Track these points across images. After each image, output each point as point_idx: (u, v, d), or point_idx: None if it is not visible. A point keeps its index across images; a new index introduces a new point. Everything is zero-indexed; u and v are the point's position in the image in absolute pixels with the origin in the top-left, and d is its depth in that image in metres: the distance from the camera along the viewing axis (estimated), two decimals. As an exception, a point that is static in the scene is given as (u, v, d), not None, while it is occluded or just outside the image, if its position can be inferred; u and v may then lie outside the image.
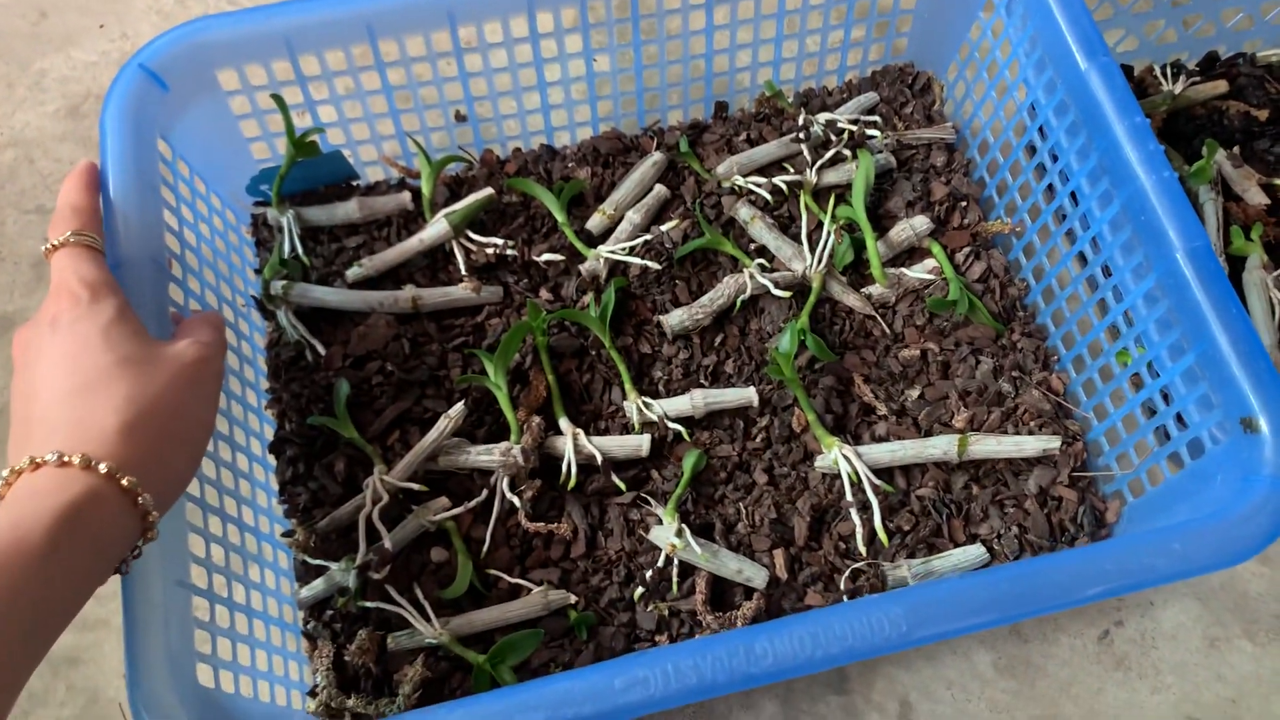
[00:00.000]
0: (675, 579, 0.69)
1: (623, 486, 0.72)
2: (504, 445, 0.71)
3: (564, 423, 0.73)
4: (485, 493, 0.71)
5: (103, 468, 0.47)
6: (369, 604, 0.69)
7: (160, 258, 0.65)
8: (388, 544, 0.69)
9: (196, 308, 0.69)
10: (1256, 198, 0.80)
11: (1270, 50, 0.89)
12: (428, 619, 0.68)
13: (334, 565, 0.70)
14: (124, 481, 0.48)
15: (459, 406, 0.72)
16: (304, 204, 0.82)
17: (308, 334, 0.77)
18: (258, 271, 0.80)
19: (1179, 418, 0.66)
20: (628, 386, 0.75)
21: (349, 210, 0.81)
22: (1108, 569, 0.55)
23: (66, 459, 0.47)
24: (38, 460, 0.47)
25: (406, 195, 0.82)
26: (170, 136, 0.71)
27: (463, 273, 0.78)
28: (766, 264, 0.79)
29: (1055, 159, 0.74)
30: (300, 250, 0.80)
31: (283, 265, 0.77)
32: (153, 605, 0.54)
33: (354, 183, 0.85)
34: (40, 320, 0.53)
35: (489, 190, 0.80)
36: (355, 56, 0.75)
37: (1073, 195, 0.73)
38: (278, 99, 0.75)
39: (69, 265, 0.55)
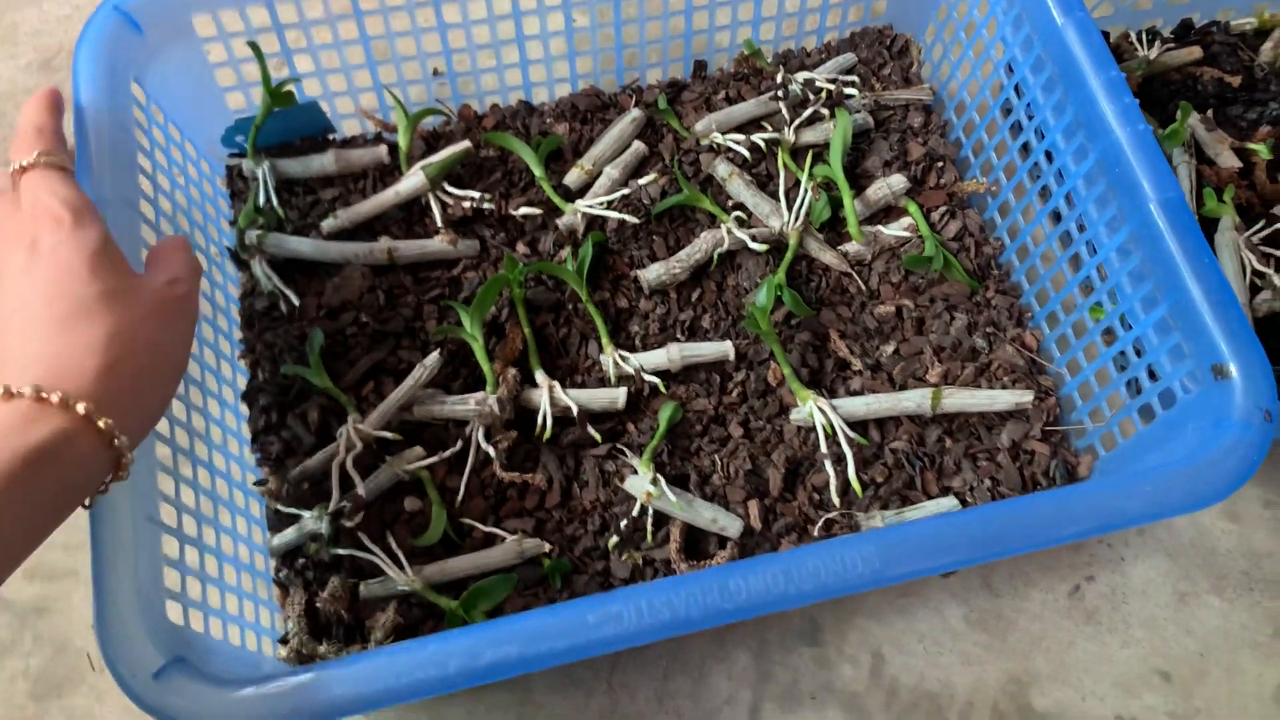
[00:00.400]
0: (650, 528, 0.69)
1: (598, 438, 0.72)
2: (479, 395, 0.71)
3: (540, 375, 0.73)
4: (460, 443, 0.71)
5: (81, 408, 0.45)
6: (341, 551, 0.68)
7: (134, 200, 0.64)
8: (361, 491, 0.69)
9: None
10: (1229, 161, 0.81)
11: (1243, 19, 0.89)
12: (401, 566, 0.67)
13: (306, 514, 0.69)
14: (100, 423, 0.46)
15: (434, 356, 0.72)
16: (279, 156, 0.82)
17: (282, 284, 0.76)
18: (232, 223, 0.80)
19: (1150, 371, 0.67)
20: (604, 340, 0.75)
21: (325, 163, 0.80)
22: (1079, 511, 0.56)
23: (44, 395, 0.45)
24: (12, 390, 0.45)
25: (383, 149, 0.81)
26: (144, 81, 0.71)
27: (439, 225, 0.78)
28: (744, 220, 0.79)
29: (1031, 117, 0.74)
30: (275, 202, 0.79)
31: (257, 213, 0.76)
32: (122, 538, 0.53)
33: (330, 136, 0.85)
34: (15, 240, 0.50)
35: (466, 143, 0.80)
36: (333, 5, 0.75)
37: (1047, 154, 0.73)
38: (254, 46, 0.74)
39: (44, 186, 0.52)
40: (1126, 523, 0.56)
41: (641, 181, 0.79)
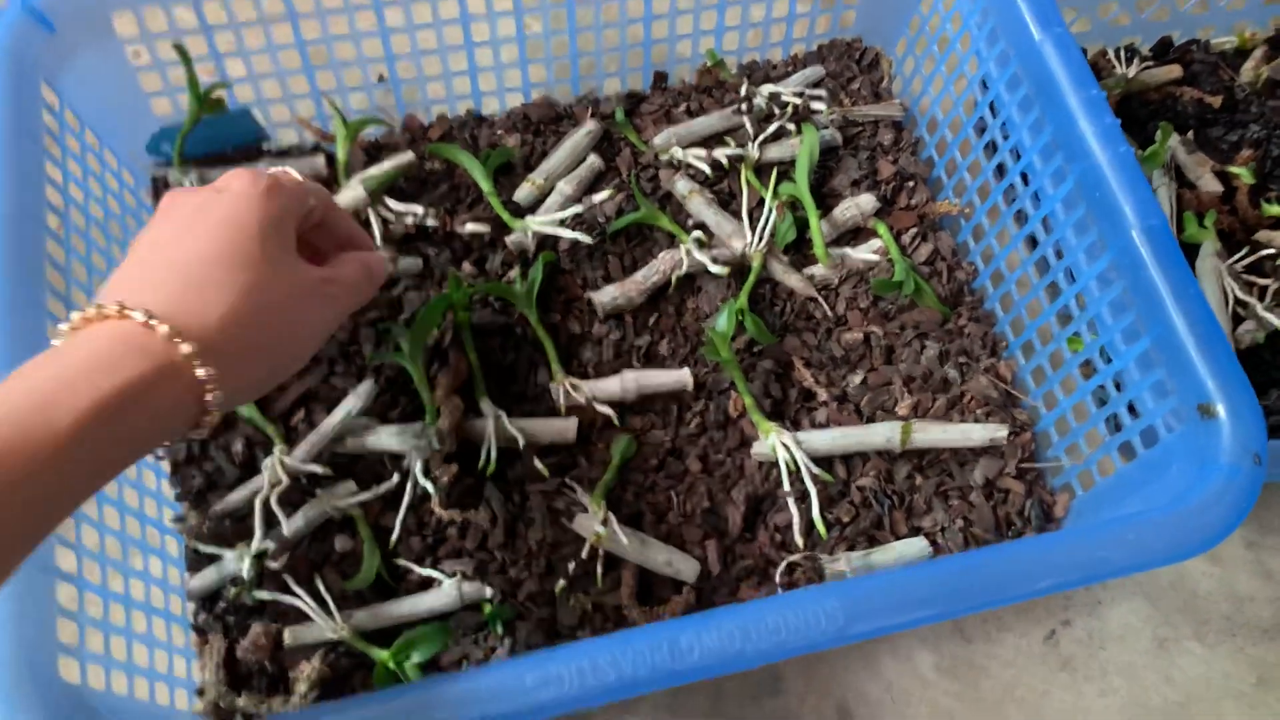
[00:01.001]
0: (600, 571, 0.64)
1: (546, 473, 0.67)
2: (417, 426, 0.66)
3: (485, 404, 0.68)
4: (396, 477, 0.66)
5: (185, 348, 0.42)
6: (265, 595, 0.63)
7: (39, 212, 0.59)
8: (286, 530, 0.63)
9: (80, 269, 0.63)
10: (1210, 185, 0.77)
11: (1223, 38, 0.86)
12: (329, 612, 0.62)
13: (228, 553, 0.64)
14: (199, 371, 0.43)
15: (367, 384, 0.67)
16: (209, 166, 0.76)
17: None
18: (156, 237, 0.74)
19: (1131, 406, 0.63)
20: (555, 367, 0.70)
21: (258, 174, 0.75)
22: (1058, 561, 0.52)
23: (153, 323, 0.42)
24: (125, 309, 0.42)
25: (320, 160, 0.76)
26: (57, 83, 0.65)
27: (378, 243, 0.73)
28: (705, 240, 0.74)
29: (1006, 136, 0.70)
30: (204, 215, 0.74)
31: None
32: (6, 591, 0.48)
33: (264, 145, 0.79)
34: (208, 189, 0.50)
35: (409, 155, 0.75)
36: (266, 6, 0.70)
37: (1024, 175, 0.70)
38: (180, 49, 0.69)
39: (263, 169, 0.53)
40: (1108, 574, 0.53)
41: (596, 198, 0.75)
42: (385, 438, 0.66)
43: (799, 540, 0.65)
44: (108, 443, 0.40)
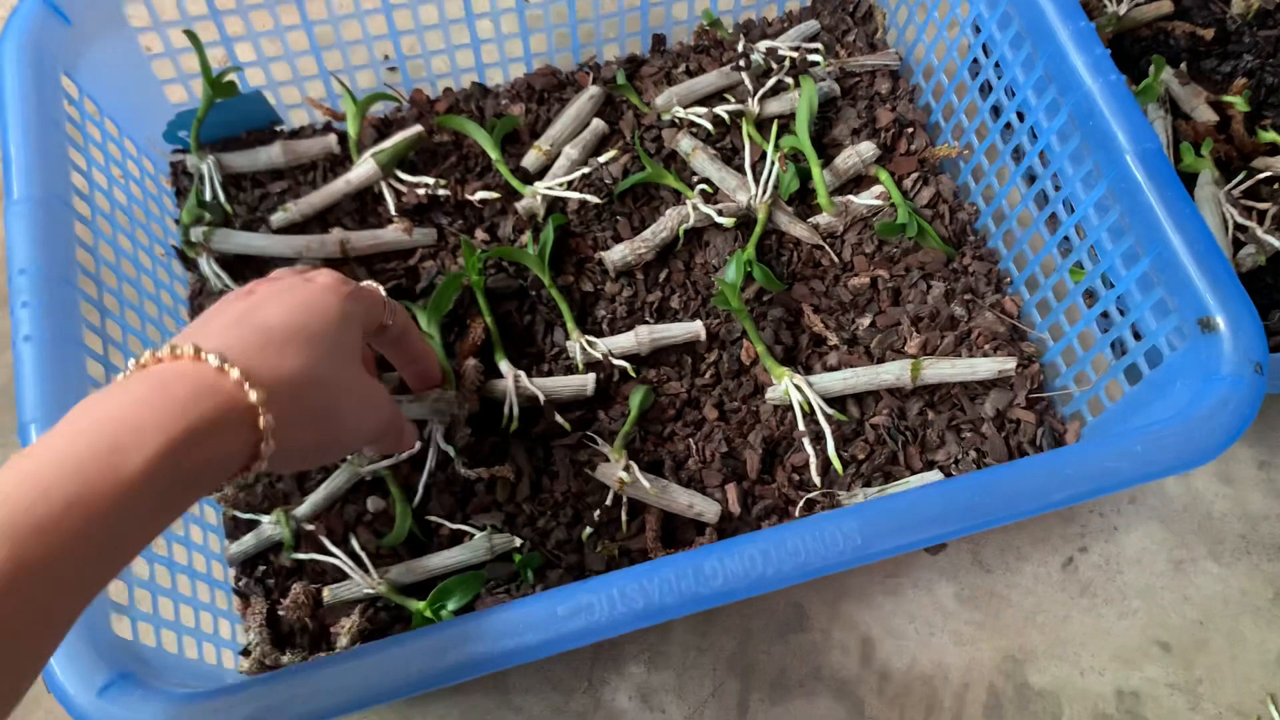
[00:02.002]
0: (624, 517, 0.66)
1: (567, 427, 0.69)
2: (434, 393, 0.67)
3: (504, 365, 0.70)
4: (418, 445, 0.68)
5: (254, 394, 0.43)
6: (303, 556, 0.65)
7: (66, 196, 0.61)
8: (322, 493, 0.66)
9: (107, 251, 0.65)
10: (1205, 115, 0.78)
11: (1213, -30, 0.87)
12: (365, 569, 0.64)
13: (265, 519, 0.66)
14: (262, 419, 0.43)
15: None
16: (225, 150, 0.78)
17: (231, 282, 0.73)
18: (178, 222, 0.76)
19: (1135, 329, 0.64)
20: (570, 326, 0.72)
21: (272, 155, 0.77)
22: (1069, 474, 0.53)
23: (225, 367, 0.43)
24: (200, 354, 0.43)
25: (332, 138, 0.78)
26: (76, 74, 0.67)
27: (393, 214, 0.75)
28: (710, 193, 0.76)
29: (1000, 76, 0.72)
30: (223, 197, 0.76)
31: (201, 207, 0.73)
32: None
33: (277, 127, 0.81)
34: (303, 275, 0.53)
35: (418, 128, 0.77)
36: (272, -12, 0.72)
37: (1019, 113, 0.71)
38: (191, 35, 0.71)
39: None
40: (1119, 485, 0.54)
41: (602, 160, 0.77)
42: (408, 406, 0.68)
43: (816, 479, 0.67)
44: (173, 484, 0.40)
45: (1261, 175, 0.75)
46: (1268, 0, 0.84)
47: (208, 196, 0.76)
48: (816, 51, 0.81)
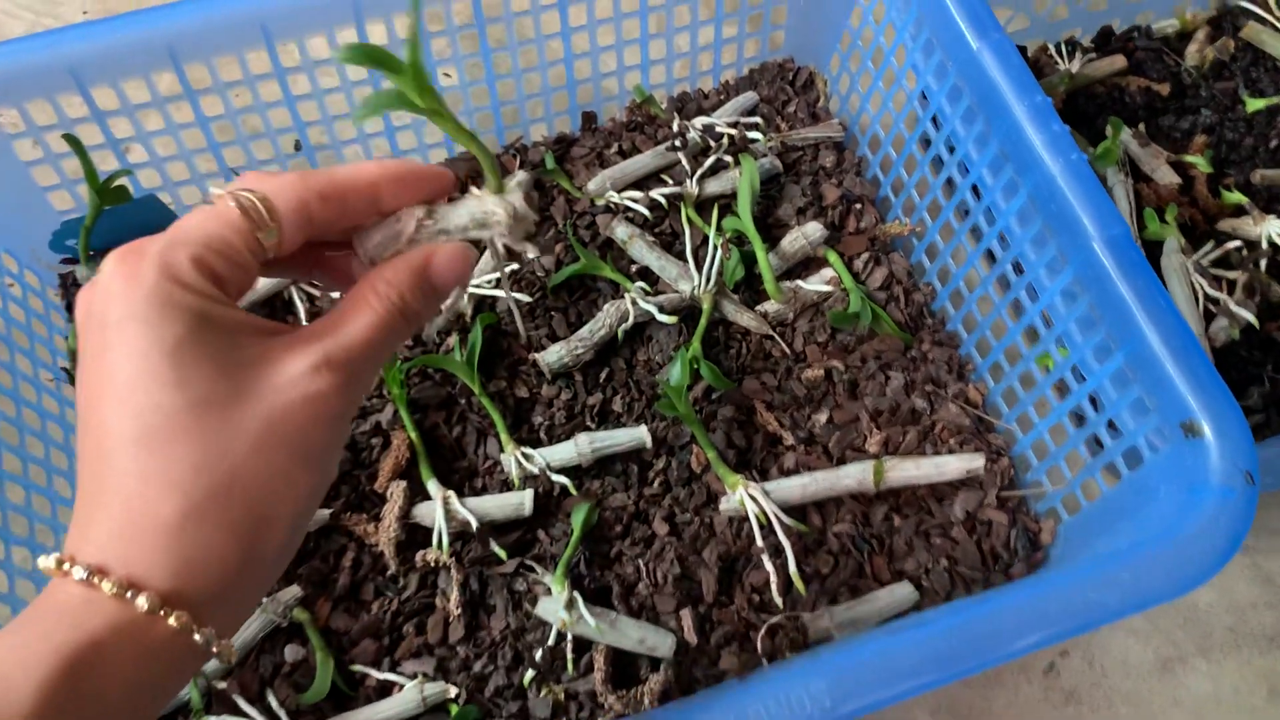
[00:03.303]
0: (570, 656, 0.60)
1: (503, 555, 0.63)
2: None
3: (432, 485, 0.64)
4: (343, 578, 0.62)
5: (142, 602, 0.32)
6: (214, 719, 0.59)
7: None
8: (232, 645, 0.59)
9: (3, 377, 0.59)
10: (1167, 177, 0.75)
11: (1164, 21, 0.84)
12: (284, 732, 0.58)
13: (170, 677, 0.59)
14: (172, 620, 0.33)
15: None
16: (119, 258, 0.72)
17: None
18: (67, 339, 0.70)
19: (1111, 424, 0.60)
20: (504, 437, 0.66)
21: (171, 261, 0.71)
22: (1052, 609, 0.49)
23: (95, 581, 0.33)
24: (64, 565, 0.33)
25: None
26: (-61, 191, 0.61)
27: (304, 322, 0.69)
28: (648, 288, 0.71)
29: (952, 150, 0.67)
30: (118, 311, 0.70)
31: (88, 331, 0.66)
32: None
33: (177, 229, 0.75)
34: (90, 288, 0.36)
35: (330, 227, 0.71)
36: (160, 86, 0.65)
37: (974, 189, 0.66)
38: (71, 140, 0.64)
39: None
40: (1107, 618, 0.49)
41: (531, 255, 0.71)
42: (449, 214, 0.55)
43: (778, 599, 0.61)
44: (91, 701, 0.32)
45: (1230, 245, 0.71)
46: (1221, 51, 0.81)
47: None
48: (756, 127, 0.76)
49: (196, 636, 0.34)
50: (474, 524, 0.63)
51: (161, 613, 0.33)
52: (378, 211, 0.40)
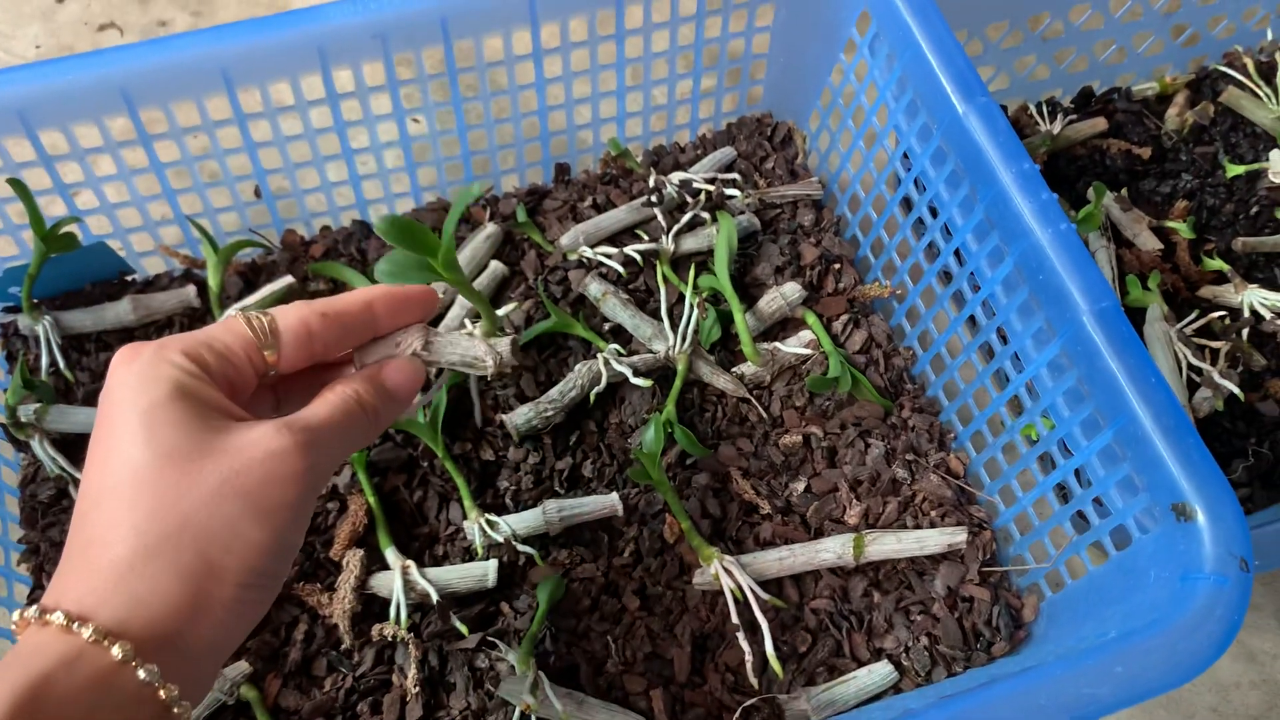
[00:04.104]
0: (534, 740, 0.57)
1: (465, 630, 0.60)
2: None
3: (391, 554, 0.61)
4: (293, 652, 0.58)
5: (86, 632, 0.34)
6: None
7: None
8: (189, 706, 0.55)
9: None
10: (1149, 243, 0.73)
11: (1144, 84, 0.83)
12: (225, 822, 0.54)
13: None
14: (115, 650, 0.34)
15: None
16: (65, 307, 0.68)
17: (71, 467, 0.63)
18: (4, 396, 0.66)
19: (1098, 501, 0.58)
20: (467, 503, 0.63)
21: (120, 312, 0.68)
22: (1044, 702, 0.46)
23: (47, 618, 0.34)
24: (25, 615, 0.35)
25: (191, 289, 0.69)
26: None
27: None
28: (622, 350, 0.68)
29: (935, 213, 0.66)
30: (62, 363, 0.66)
31: (28, 387, 0.63)
32: None
33: (128, 277, 0.72)
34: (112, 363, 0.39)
35: (288, 278, 0.68)
36: (113, 130, 0.62)
37: (957, 253, 0.65)
38: (16, 185, 0.61)
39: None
40: (1100, 712, 0.47)
41: (503, 311, 0.68)
42: (440, 346, 0.52)
43: (753, 679, 0.59)
44: None
45: (1214, 314, 0.70)
46: (1201, 115, 0.80)
47: (45, 362, 0.66)
48: (733, 183, 0.74)
49: (140, 673, 0.34)
50: (434, 596, 0.60)
51: (105, 642, 0.34)
52: (375, 332, 0.45)
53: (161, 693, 0.35)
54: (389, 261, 0.44)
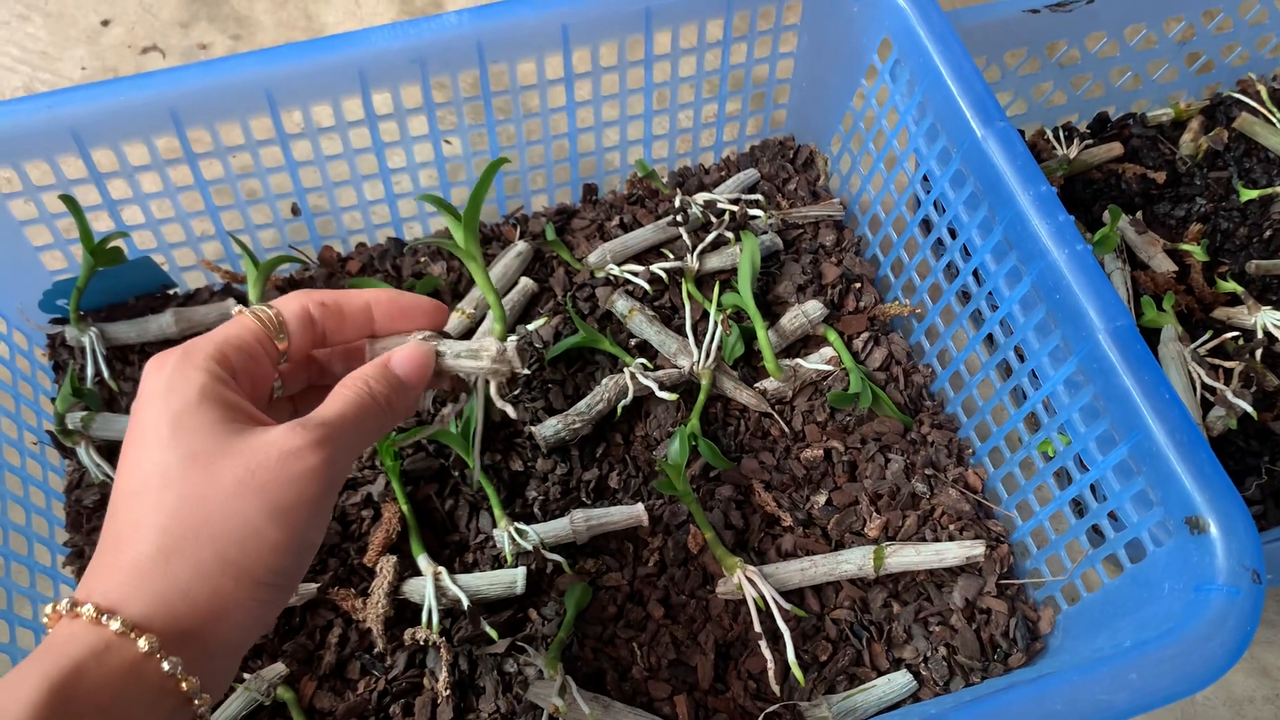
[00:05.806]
0: (562, 742, 0.58)
1: (494, 635, 0.61)
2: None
3: (423, 560, 0.63)
4: (329, 656, 0.60)
5: (114, 624, 0.36)
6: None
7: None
8: (208, 698, 0.57)
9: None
10: (1164, 265, 0.75)
11: (1160, 110, 0.85)
12: (263, 818, 0.56)
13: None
14: (142, 643, 0.36)
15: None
16: (110, 319, 0.71)
17: (113, 473, 0.65)
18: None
19: (1113, 515, 0.59)
20: (497, 512, 0.65)
21: (163, 324, 0.70)
22: (1060, 709, 0.48)
23: (77, 611, 0.37)
24: (57, 609, 0.37)
25: (230, 303, 0.71)
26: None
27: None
28: (649, 364, 0.70)
29: (954, 234, 0.67)
30: (106, 373, 0.68)
31: (77, 395, 0.65)
32: None
33: (170, 291, 0.74)
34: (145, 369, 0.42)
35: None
36: (160, 148, 0.65)
37: (976, 273, 0.67)
38: (68, 201, 0.64)
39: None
40: (1114, 719, 0.48)
41: (532, 326, 0.70)
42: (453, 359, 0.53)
43: (775, 687, 0.60)
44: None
45: (1227, 335, 0.71)
46: (1215, 140, 0.82)
47: (90, 372, 0.68)
48: (757, 204, 0.76)
49: (165, 664, 0.36)
50: (465, 601, 0.61)
51: (132, 635, 0.36)
52: (371, 329, 0.47)
53: (184, 684, 0.37)
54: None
